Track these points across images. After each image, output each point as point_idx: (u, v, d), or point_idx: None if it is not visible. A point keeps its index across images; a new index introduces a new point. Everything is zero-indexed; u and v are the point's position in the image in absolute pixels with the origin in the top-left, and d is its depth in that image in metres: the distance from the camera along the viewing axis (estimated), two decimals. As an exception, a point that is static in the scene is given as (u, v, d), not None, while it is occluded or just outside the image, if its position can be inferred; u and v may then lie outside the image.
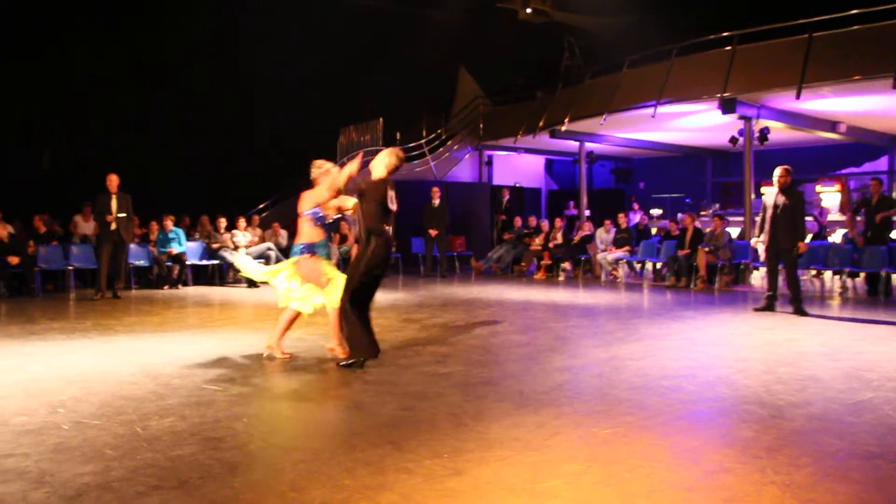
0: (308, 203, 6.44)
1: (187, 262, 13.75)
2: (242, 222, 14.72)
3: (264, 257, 14.43)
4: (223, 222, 14.40)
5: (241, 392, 5.33)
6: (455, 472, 3.68)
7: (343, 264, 15.50)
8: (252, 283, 13.52)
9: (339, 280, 6.36)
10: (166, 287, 13.31)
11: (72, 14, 19.60)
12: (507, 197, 19.67)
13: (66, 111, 19.83)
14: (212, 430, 4.36)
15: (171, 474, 3.64)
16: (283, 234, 15.72)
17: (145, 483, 3.53)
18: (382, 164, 6.35)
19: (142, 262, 13.57)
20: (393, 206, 6.33)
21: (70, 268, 13.04)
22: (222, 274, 14.68)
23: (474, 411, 4.79)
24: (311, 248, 6.48)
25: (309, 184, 6.67)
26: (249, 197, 19.82)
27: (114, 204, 11.63)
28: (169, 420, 4.58)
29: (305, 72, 21.67)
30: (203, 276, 14.57)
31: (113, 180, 11.68)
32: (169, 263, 13.49)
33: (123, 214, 11.70)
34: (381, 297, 11.85)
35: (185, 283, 13.72)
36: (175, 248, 13.46)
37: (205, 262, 14.36)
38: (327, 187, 6.32)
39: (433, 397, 5.17)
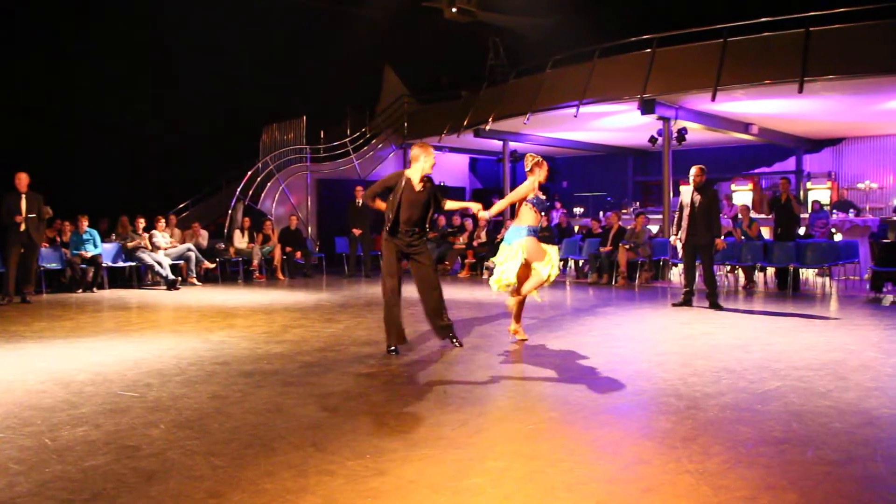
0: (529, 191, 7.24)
1: (103, 265, 13.31)
2: (162, 223, 14.35)
3: (184, 259, 14.14)
4: (141, 223, 14.00)
5: (158, 398, 5.20)
6: (378, 473, 3.66)
7: (265, 264, 15.35)
8: (172, 286, 13.22)
9: (552, 257, 7.17)
10: (80, 290, 12.89)
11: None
12: None
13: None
14: (127, 439, 4.24)
15: (82, 486, 3.52)
16: (204, 234, 15.42)
17: (54, 497, 3.39)
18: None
19: (54, 265, 13.10)
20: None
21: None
22: (140, 276, 14.30)
23: (398, 411, 4.78)
24: (534, 231, 7.21)
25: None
26: (169, 197, 19.36)
27: (23, 204, 11.22)
28: (81, 429, 4.43)
29: (227, 69, 21.26)
30: (120, 278, 14.16)
31: (22, 179, 11.27)
32: (83, 266, 13.06)
33: (33, 215, 11.30)
34: (305, 297, 11.76)
35: (101, 287, 13.30)
36: (89, 251, 13.03)
37: (121, 264, 13.94)
38: (539, 178, 7.27)
39: (356, 398, 5.14)
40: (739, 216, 13.67)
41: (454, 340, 7.09)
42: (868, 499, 3.35)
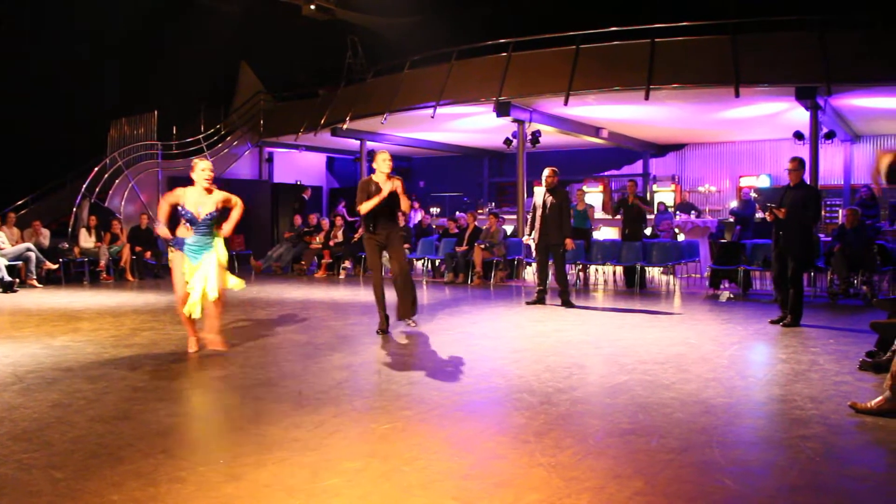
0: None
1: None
2: (-4, 220, 13.40)
3: (23, 259, 13.27)
4: (-27, 221, 13.02)
5: (-9, 407, 4.86)
6: (232, 478, 3.57)
7: (113, 265, 14.63)
8: (8, 288, 12.36)
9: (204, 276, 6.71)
10: None
11: None
12: (308, 195, 19.41)
13: None
14: (-46, 453, 3.93)
15: None
16: (46, 233, 14.52)
17: None
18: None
19: None
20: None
21: None
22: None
23: (252, 414, 4.68)
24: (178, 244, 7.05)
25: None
26: (4, 192, 18.09)
27: None
28: None
29: (72, 58, 20.08)
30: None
31: None
32: None
33: None
34: (156, 299, 11.31)
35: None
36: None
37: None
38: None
39: (209, 401, 4.99)
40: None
41: (414, 322, 8.10)
42: (705, 482, 3.57)
